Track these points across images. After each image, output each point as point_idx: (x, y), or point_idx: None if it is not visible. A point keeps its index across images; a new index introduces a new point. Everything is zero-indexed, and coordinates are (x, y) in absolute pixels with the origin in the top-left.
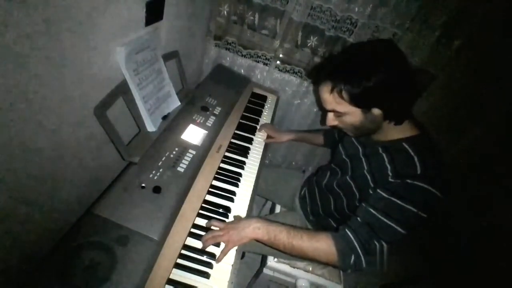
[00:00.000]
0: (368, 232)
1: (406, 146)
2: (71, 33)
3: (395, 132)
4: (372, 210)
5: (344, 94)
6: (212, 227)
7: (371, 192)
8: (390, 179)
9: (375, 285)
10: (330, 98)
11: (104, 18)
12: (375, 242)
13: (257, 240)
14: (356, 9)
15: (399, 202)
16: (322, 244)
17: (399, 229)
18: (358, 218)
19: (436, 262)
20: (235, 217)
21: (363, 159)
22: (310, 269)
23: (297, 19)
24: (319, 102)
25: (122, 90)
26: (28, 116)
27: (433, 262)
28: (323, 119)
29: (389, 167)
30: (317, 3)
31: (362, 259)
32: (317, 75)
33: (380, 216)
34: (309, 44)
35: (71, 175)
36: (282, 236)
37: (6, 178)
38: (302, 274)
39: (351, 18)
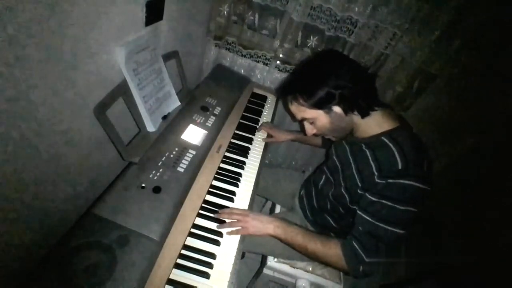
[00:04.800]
0: (371, 240)
1: (386, 140)
2: (71, 33)
3: (373, 127)
4: (368, 218)
5: (302, 101)
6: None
7: (359, 192)
8: (376, 179)
9: (375, 285)
10: (294, 109)
11: (104, 18)
12: (378, 247)
13: (272, 237)
14: (356, 9)
15: (389, 203)
16: (333, 253)
17: (398, 230)
18: (359, 227)
19: (436, 262)
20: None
21: (350, 159)
22: (310, 269)
23: (297, 19)
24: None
25: (122, 90)
26: (28, 116)
27: (433, 262)
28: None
29: (373, 165)
30: (317, 3)
31: (369, 265)
32: (280, 93)
33: (377, 223)
34: (309, 44)
35: (71, 175)
36: (298, 238)
37: (6, 178)
38: (302, 274)
39: (351, 18)
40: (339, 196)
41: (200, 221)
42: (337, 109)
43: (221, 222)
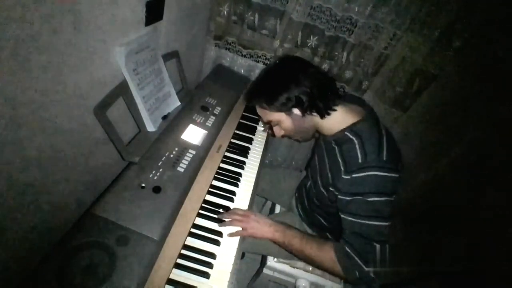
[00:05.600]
0: (360, 240)
1: (348, 134)
2: (70, 33)
3: (337, 123)
4: (350, 218)
5: (265, 105)
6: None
7: (331, 189)
8: (342, 176)
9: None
10: (260, 113)
11: (104, 18)
12: (369, 248)
13: (271, 240)
14: (356, 9)
15: (361, 198)
16: (328, 259)
17: (379, 223)
18: (347, 230)
19: (436, 262)
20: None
21: (325, 158)
22: (310, 269)
23: (297, 19)
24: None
25: (122, 90)
26: (28, 116)
27: (433, 262)
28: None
29: (340, 161)
30: (317, 3)
31: (366, 270)
32: (246, 101)
33: (359, 221)
34: (309, 44)
35: (70, 175)
36: (295, 242)
37: (6, 178)
38: (302, 274)
39: (351, 18)
40: (320, 195)
41: (200, 221)
42: (296, 111)
43: (223, 222)
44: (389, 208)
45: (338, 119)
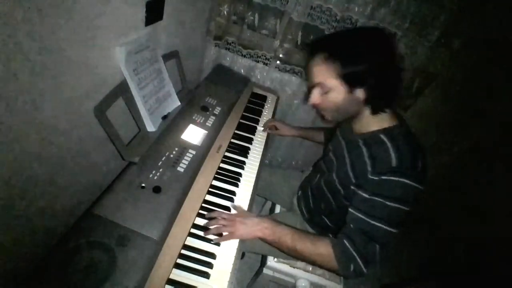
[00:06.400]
0: (363, 238)
1: (383, 137)
2: (71, 33)
3: (374, 123)
4: (359, 215)
5: (337, 66)
6: (218, 217)
7: (353, 188)
8: (369, 176)
9: (375, 285)
10: (316, 70)
11: (104, 18)
12: (370, 246)
13: (261, 239)
14: (356, 9)
15: (381, 200)
16: (323, 253)
17: (389, 228)
18: (351, 225)
19: (436, 262)
20: (237, 207)
21: (346, 156)
22: (310, 269)
23: (297, 19)
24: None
25: (122, 90)
26: (28, 116)
27: (433, 262)
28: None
29: (368, 162)
30: (317, 3)
31: (362, 266)
32: (311, 46)
33: (368, 220)
34: None
35: (70, 175)
36: (286, 238)
37: (6, 178)
38: (302, 274)
39: (351, 18)
40: (334, 191)
41: (200, 221)
42: (360, 93)
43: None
44: (402, 218)
45: (377, 119)
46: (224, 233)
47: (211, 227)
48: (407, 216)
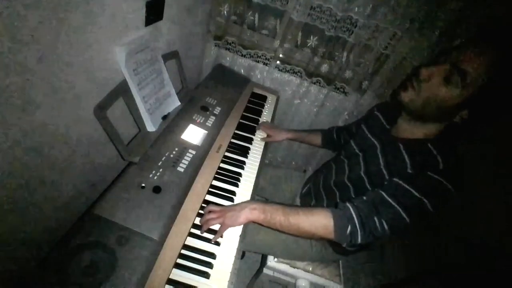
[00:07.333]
0: (369, 208)
1: (431, 147)
2: (71, 33)
3: (422, 130)
4: (381, 192)
5: (490, 66)
6: (205, 212)
7: (385, 183)
8: (408, 171)
9: (375, 285)
10: (475, 59)
11: (104, 18)
12: (375, 219)
13: (254, 222)
14: (356, 9)
15: (412, 190)
16: (319, 217)
17: (402, 213)
18: (364, 197)
19: (436, 262)
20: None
21: (379, 156)
22: (310, 269)
23: (297, 19)
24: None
25: (122, 90)
26: (28, 116)
27: (433, 262)
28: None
29: (408, 161)
30: (317, 3)
31: (358, 233)
32: (479, 34)
33: (387, 197)
34: (309, 44)
35: (71, 175)
36: (278, 214)
37: (6, 178)
38: (302, 274)
39: (351, 18)
40: (358, 180)
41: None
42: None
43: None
44: (419, 211)
45: (426, 128)
46: (216, 227)
47: (201, 223)
48: (427, 213)
